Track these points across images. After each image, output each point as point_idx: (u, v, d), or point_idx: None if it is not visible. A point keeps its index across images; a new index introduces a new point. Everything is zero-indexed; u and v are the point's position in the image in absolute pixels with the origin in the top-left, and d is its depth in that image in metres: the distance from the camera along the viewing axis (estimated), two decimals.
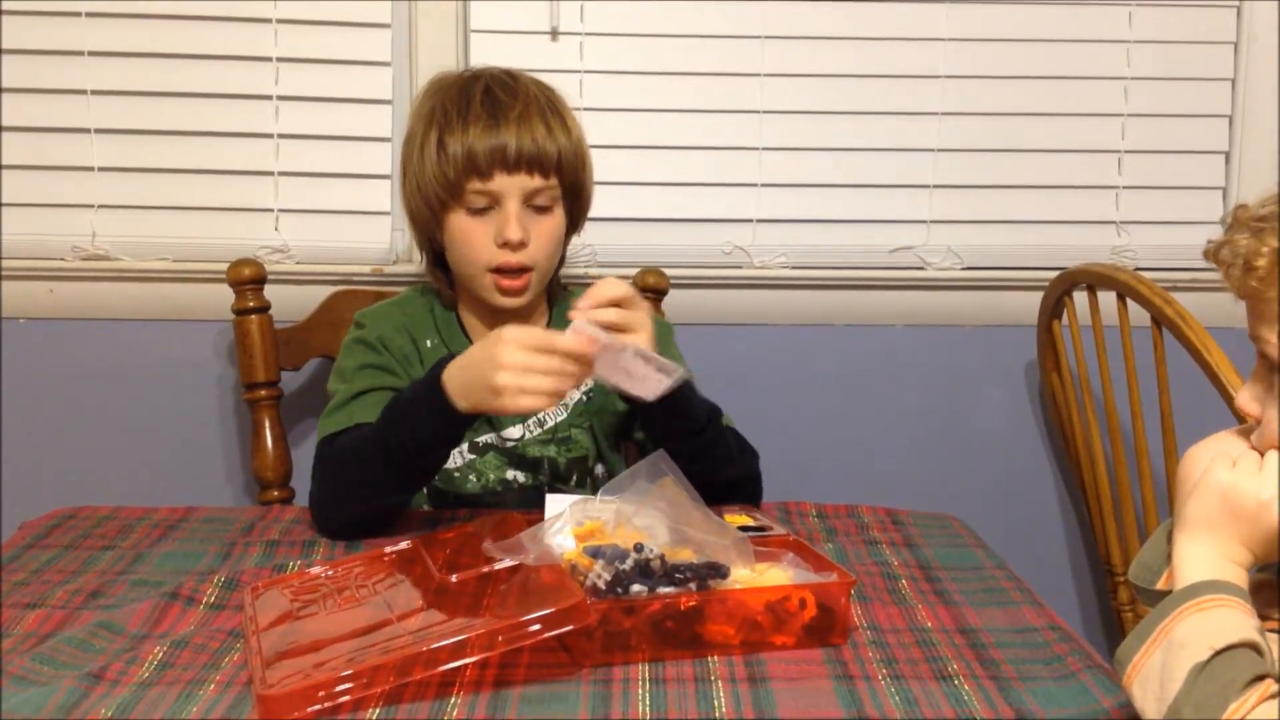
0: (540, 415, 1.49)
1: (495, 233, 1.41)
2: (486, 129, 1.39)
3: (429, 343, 1.50)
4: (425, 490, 1.49)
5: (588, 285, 1.31)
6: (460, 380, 1.24)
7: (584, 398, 1.52)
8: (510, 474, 1.49)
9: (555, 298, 1.56)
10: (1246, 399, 0.92)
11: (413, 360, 1.48)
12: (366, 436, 1.32)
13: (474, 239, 1.43)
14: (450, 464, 1.46)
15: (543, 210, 1.44)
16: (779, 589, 1.06)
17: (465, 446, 1.47)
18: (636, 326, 1.28)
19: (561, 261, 1.54)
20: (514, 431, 1.48)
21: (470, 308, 1.52)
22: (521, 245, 1.41)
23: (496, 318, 1.47)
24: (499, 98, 1.42)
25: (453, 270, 1.50)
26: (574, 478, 1.51)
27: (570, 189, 1.46)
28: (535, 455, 1.50)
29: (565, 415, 1.51)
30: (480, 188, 1.40)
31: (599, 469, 1.54)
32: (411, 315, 1.52)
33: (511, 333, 1.22)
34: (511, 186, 1.41)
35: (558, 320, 1.52)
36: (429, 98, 1.46)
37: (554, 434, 1.50)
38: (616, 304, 1.28)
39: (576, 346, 1.21)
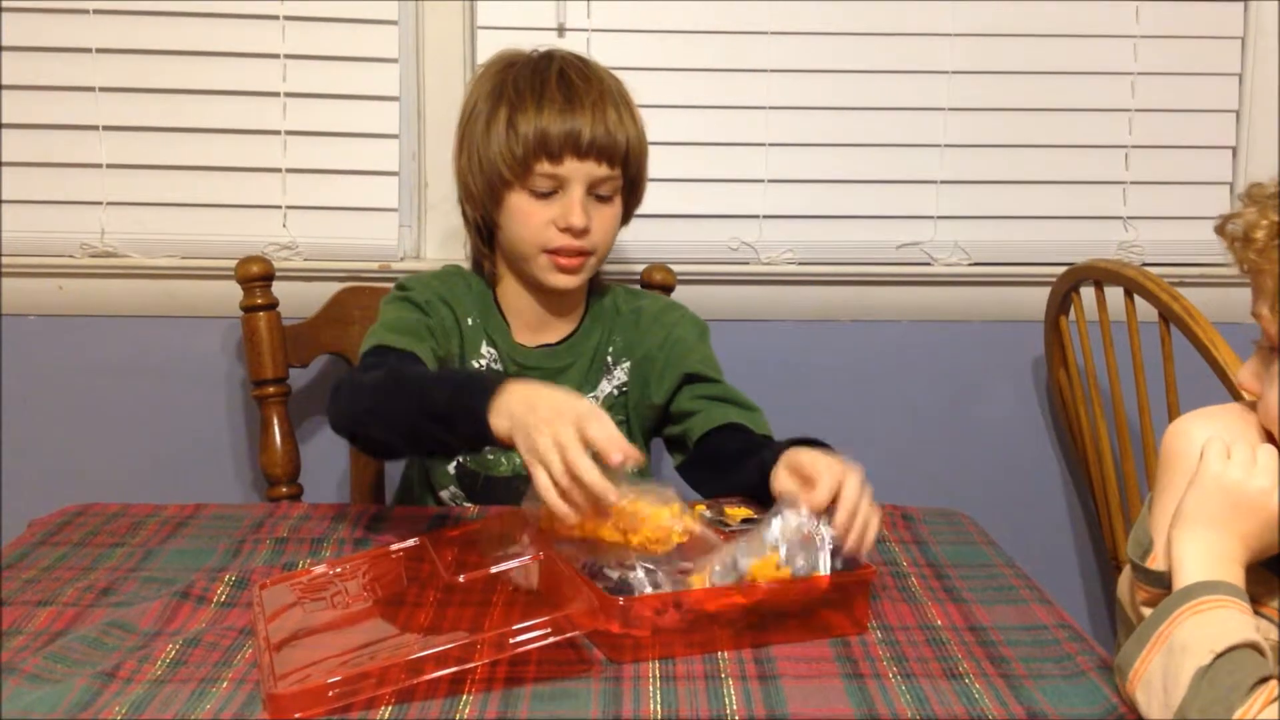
0: None
1: (557, 215, 1.41)
2: (561, 112, 1.39)
3: (470, 320, 1.48)
4: (452, 470, 1.49)
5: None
6: (521, 397, 1.12)
7: (615, 391, 1.52)
8: None
9: (594, 291, 1.55)
10: (1246, 375, 0.92)
11: (453, 335, 1.46)
12: (413, 377, 1.26)
13: (533, 220, 1.42)
14: None
15: (603, 200, 1.44)
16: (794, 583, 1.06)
17: None
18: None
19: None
20: None
21: (512, 287, 1.50)
22: (584, 232, 1.41)
23: (543, 297, 1.48)
24: (574, 81, 1.41)
25: (503, 248, 1.48)
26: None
27: (631, 181, 1.47)
28: None
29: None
30: (549, 170, 1.40)
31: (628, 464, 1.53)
32: (452, 290, 1.49)
33: (602, 424, 1.08)
34: (579, 172, 1.41)
35: (593, 312, 1.53)
36: (495, 74, 1.45)
37: None
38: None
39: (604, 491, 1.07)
